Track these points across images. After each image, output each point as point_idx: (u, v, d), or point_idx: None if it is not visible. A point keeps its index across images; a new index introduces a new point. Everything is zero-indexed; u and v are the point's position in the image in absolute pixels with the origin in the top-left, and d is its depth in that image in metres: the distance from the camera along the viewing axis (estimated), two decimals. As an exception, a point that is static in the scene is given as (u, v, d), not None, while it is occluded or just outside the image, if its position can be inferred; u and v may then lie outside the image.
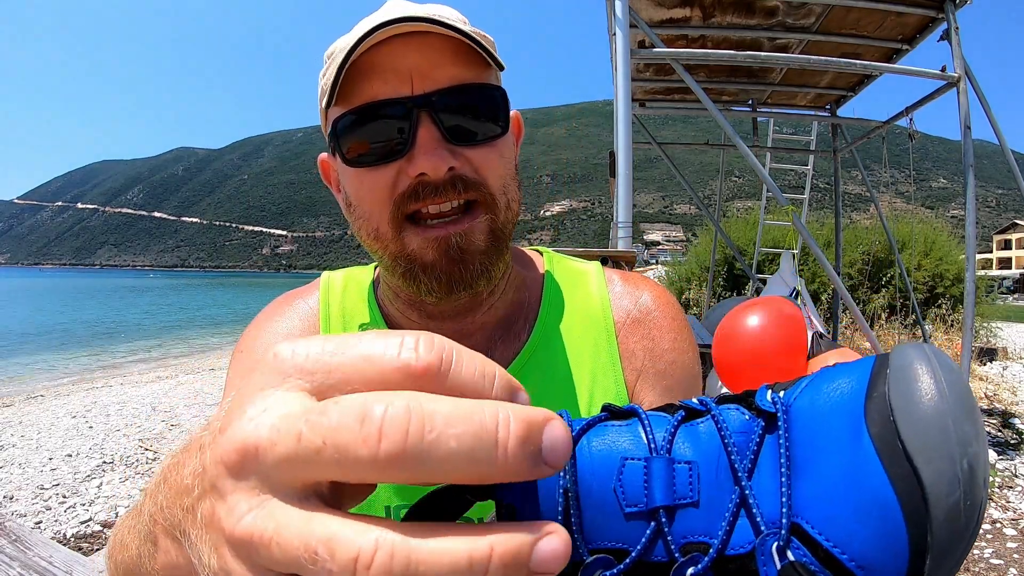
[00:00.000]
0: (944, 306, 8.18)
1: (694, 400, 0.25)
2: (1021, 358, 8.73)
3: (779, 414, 0.22)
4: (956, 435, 0.19)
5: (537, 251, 0.71)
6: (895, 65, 4.26)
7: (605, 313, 0.63)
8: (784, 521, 0.20)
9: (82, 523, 3.17)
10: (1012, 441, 4.25)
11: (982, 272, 14.83)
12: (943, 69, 3.76)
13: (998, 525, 2.88)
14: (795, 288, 4.12)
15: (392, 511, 0.57)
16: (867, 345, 6.22)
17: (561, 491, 0.22)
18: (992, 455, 3.57)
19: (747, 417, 0.23)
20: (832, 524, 0.20)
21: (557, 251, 0.74)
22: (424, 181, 0.50)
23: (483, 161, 0.53)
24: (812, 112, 5.98)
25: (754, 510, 0.21)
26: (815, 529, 0.20)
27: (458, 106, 0.51)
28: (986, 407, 5.36)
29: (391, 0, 0.54)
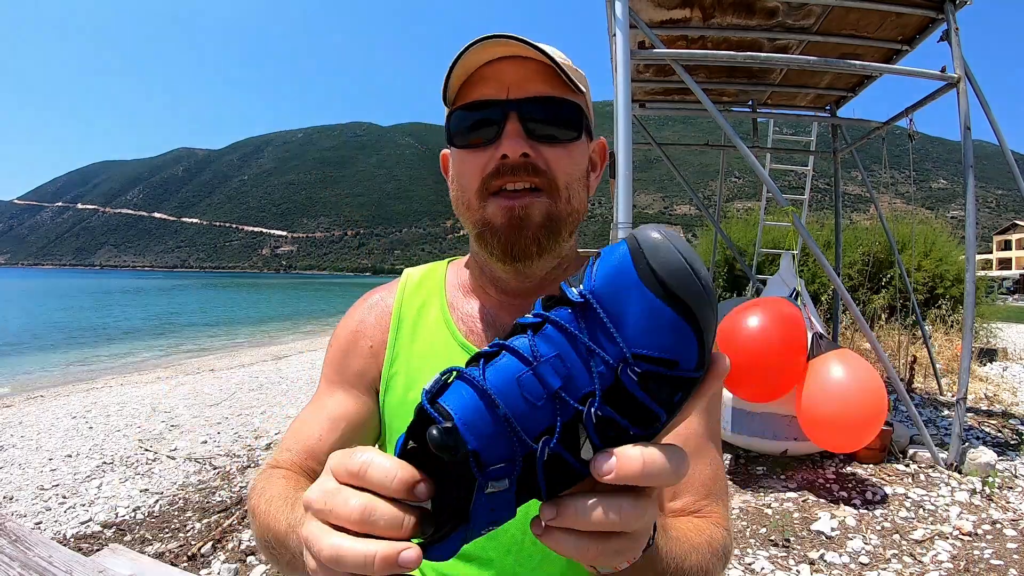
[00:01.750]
0: (944, 307, 8.17)
1: (528, 316, 0.36)
2: (1021, 359, 8.72)
3: (591, 300, 0.33)
4: (691, 269, 0.33)
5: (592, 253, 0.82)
6: (895, 66, 4.26)
7: None
8: (626, 353, 0.33)
9: (82, 523, 3.17)
10: (1012, 441, 4.24)
11: (982, 273, 14.81)
12: (943, 70, 3.76)
13: (998, 525, 2.87)
14: (795, 289, 4.12)
15: None
16: (867, 346, 6.22)
17: (499, 417, 0.33)
18: (992, 455, 3.56)
19: (569, 311, 0.34)
20: (649, 341, 0.33)
21: None
22: (504, 162, 0.64)
23: (553, 157, 0.66)
24: (812, 113, 5.98)
25: (603, 356, 0.33)
26: (642, 349, 0.33)
27: (538, 111, 0.65)
28: (986, 408, 5.36)
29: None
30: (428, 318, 0.76)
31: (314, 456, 0.71)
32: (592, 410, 0.33)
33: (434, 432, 0.32)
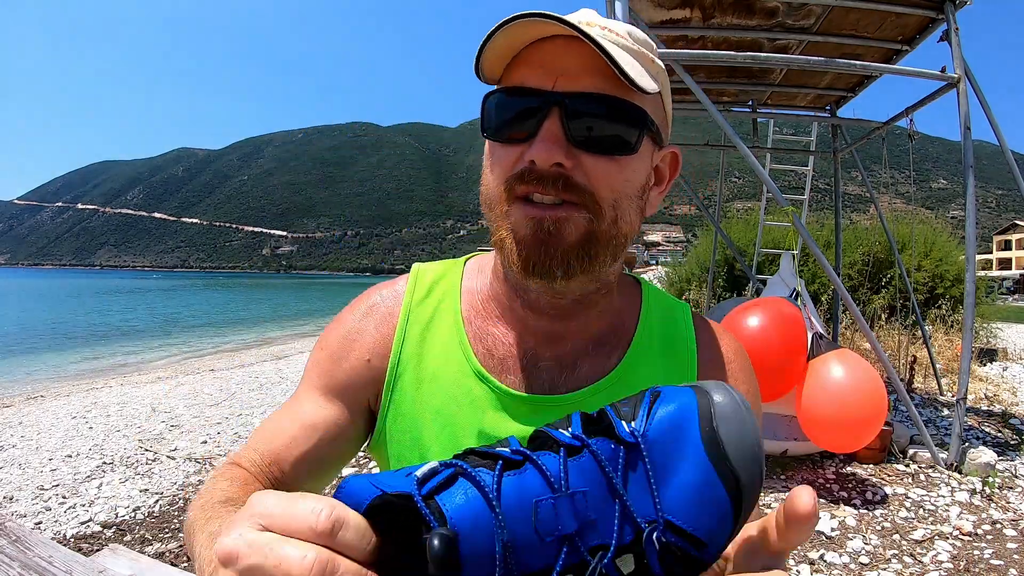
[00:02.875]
0: (944, 307, 8.17)
1: (564, 433, 0.32)
2: (1021, 359, 8.72)
3: (641, 444, 0.31)
4: (758, 451, 0.31)
5: (634, 279, 0.73)
6: (895, 66, 4.26)
7: (690, 352, 0.67)
8: (659, 518, 0.30)
9: (82, 523, 3.17)
10: (1012, 442, 4.24)
11: (982, 273, 14.81)
12: (943, 70, 3.76)
13: (998, 525, 2.88)
14: (795, 289, 4.12)
15: None
16: (867, 346, 6.22)
17: (500, 543, 0.27)
18: (992, 455, 3.56)
19: (613, 447, 0.30)
20: (688, 513, 0.30)
21: None
22: (531, 168, 0.53)
23: (598, 171, 0.54)
24: (812, 113, 5.98)
25: (633, 515, 0.30)
26: (678, 519, 0.30)
27: (588, 112, 0.53)
28: (986, 407, 5.36)
29: (583, 10, 0.58)
30: (439, 333, 0.66)
31: (279, 462, 0.61)
32: (600, 565, 0.29)
33: (436, 543, 0.26)
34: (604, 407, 0.32)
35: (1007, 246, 60.01)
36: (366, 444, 0.69)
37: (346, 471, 3.81)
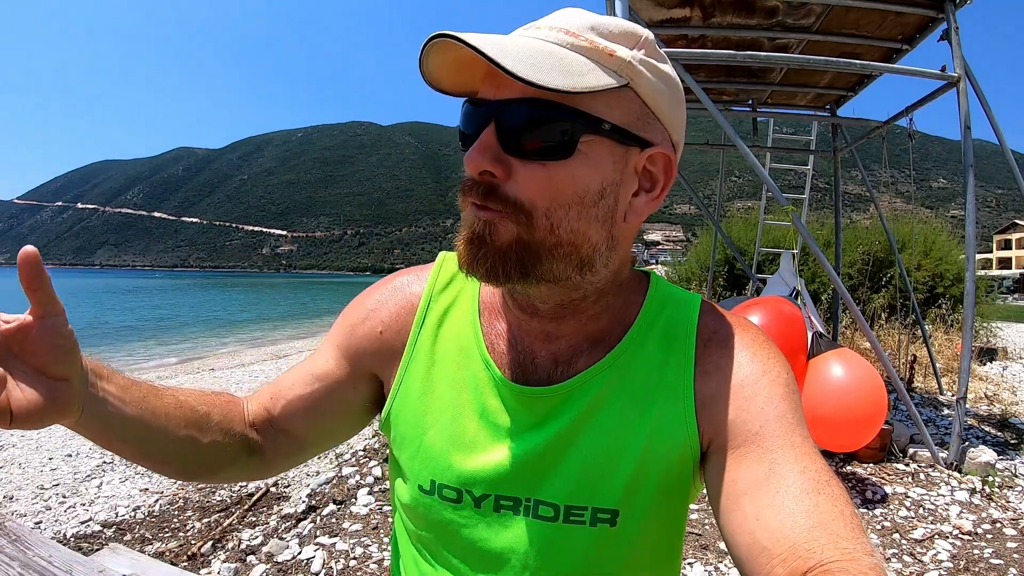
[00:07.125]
0: (944, 306, 8.17)
1: None
2: (1021, 358, 8.72)
3: None
4: None
5: (645, 273, 0.71)
6: (895, 65, 4.26)
7: (688, 335, 0.63)
8: None
9: (82, 523, 3.17)
10: (1012, 441, 4.25)
11: (982, 272, 14.79)
12: (943, 69, 3.76)
13: (998, 525, 2.88)
14: (795, 288, 4.12)
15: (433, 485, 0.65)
16: (867, 345, 6.22)
17: None
18: (992, 455, 3.56)
19: None
20: None
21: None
22: (464, 178, 0.56)
23: (527, 178, 0.53)
24: (812, 112, 5.97)
25: None
26: None
27: (516, 118, 0.52)
28: (986, 407, 5.36)
29: (564, 10, 0.57)
30: (455, 320, 0.69)
31: (278, 397, 0.72)
32: None
33: None
34: None
35: (1007, 245, 59.99)
36: (378, 422, 0.73)
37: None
